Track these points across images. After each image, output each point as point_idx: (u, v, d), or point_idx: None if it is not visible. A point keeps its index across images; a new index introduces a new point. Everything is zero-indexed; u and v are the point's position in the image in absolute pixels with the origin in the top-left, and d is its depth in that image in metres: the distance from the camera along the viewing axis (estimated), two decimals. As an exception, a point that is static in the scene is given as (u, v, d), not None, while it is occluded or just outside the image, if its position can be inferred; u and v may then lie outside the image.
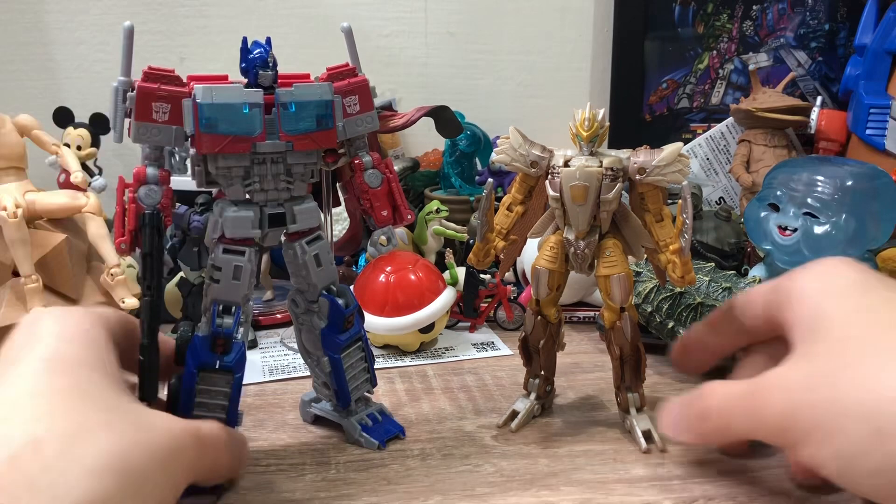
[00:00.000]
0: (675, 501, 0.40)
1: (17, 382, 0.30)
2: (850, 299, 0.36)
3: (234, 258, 0.41)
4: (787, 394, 0.35)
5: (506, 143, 0.45)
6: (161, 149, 0.41)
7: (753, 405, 0.37)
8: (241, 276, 0.41)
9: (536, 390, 0.49)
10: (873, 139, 0.82)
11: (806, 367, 0.35)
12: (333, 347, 0.45)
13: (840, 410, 0.32)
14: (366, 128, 0.44)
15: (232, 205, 0.41)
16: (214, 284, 0.41)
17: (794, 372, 0.36)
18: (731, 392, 0.39)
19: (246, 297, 0.42)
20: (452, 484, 0.41)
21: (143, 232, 0.39)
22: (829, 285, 0.38)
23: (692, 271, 0.43)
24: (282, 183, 0.42)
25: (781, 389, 0.35)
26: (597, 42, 1.02)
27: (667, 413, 0.43)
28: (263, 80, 0.40)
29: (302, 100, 0.41)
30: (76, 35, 0.94)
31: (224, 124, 0.39)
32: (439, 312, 0.61)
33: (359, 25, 0.98)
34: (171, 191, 0.41)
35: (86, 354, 0.33)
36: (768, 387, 0.36)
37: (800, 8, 0.97)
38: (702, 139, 0.92)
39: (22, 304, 0.53)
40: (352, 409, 0.47)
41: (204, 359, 0.40)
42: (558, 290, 0.47)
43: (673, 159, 0.42)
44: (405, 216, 0.46)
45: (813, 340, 0.36)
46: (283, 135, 0.40)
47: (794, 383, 0.35)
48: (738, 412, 0.38)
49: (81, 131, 0.81)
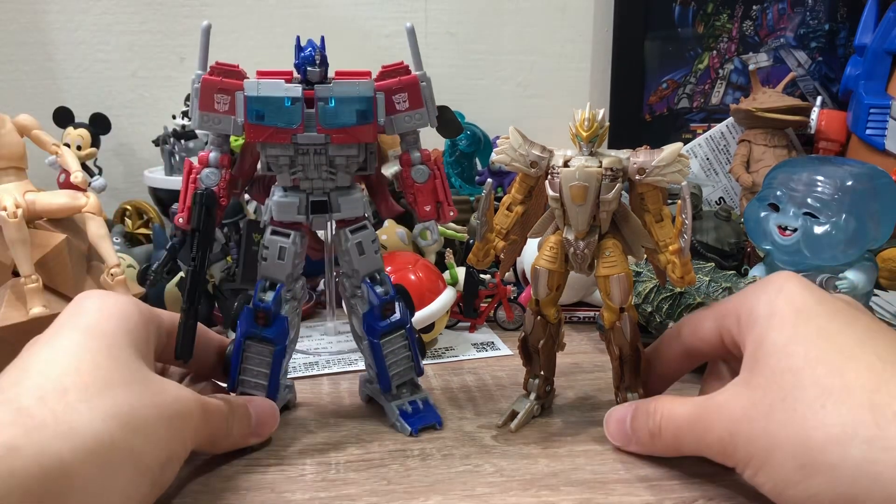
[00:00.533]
0: (675, 501, 0.40)
1: (58, 344, 0.36)
2: (788, 329, 0.37)
3: (279, 239, 0.45)
4: (728, 422, 0.37)
5: (505, 144, 0.45)
6: (225, 136, 0.45)
7: (699, 429, 0.39)
8: (285, 256, 0.45)
9: (536, 390, 0.49)
10: (873, 139, 0.82)
11: (746, 397, 0.37)
12: (373, 332, 0.47)
13: (772, 443, 0.35)
14: (415, 124, 0.46)
15: (281, 190, 0.45)
16: (262, 262, 0.46)
17: (735, 399, 0.38)
18: (680, 414, 0.40)
19: (291, 276, 0.46)
20: (452, 484, 0.41)
21: (194, 209, 0.43)
22: (774, 310, 0.38)
23: (692, 272, 0.43)
24: (325, 173, 0.45)
25: (723, 416, 0.38)
26: (597, 42, 1.02)
27: (615, 423, 0.45)
28: (312, 76, 0.43)
29: (341, 95, 0.43)
30: (76, 35, 0.94)
31: (269, 116, 0.43)
32: (439, 312, 0.61)
33: (359, 25, 0.99)
34: (231, 174, 0.45)
35: (119, 329, 0.38)
36: (713, 412, 0.38)
37: (800, 8, 0.97)
38: (702, 139, 0.92)
39: (22, 304, 0.53)
40: (394, 393, 0.49)
41: (248, 328, 0.45)
42: (558, 290, 0.47)
43: (673, 159, 0.42)
44: (447, 214, 0.48)
45: (755, 369, 0.37)
46: (319, 128, 0.43)
47: (735, 412, 0.37)
48: (687, 434, 0.40)
49: (81, 131, 0.81)
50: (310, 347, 0.64)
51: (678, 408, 0.41)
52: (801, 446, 0.33)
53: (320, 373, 0.58)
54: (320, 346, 0.64)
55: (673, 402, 0.41)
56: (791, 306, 0.38)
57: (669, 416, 0.41)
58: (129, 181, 0.98)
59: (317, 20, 0.96)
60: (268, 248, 0.45)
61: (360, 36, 0.97)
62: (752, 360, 0.38)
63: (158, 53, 0.96)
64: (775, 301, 0.39)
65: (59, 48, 0.95)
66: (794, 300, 0.38)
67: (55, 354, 0.36)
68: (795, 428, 0.34)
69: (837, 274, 0.56)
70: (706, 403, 0.39)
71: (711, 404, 0.39)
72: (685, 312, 0.56)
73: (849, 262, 0.56)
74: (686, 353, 0.46)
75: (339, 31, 0.96)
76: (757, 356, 0.38)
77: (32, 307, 0.52)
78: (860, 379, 0.33)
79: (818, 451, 0.33)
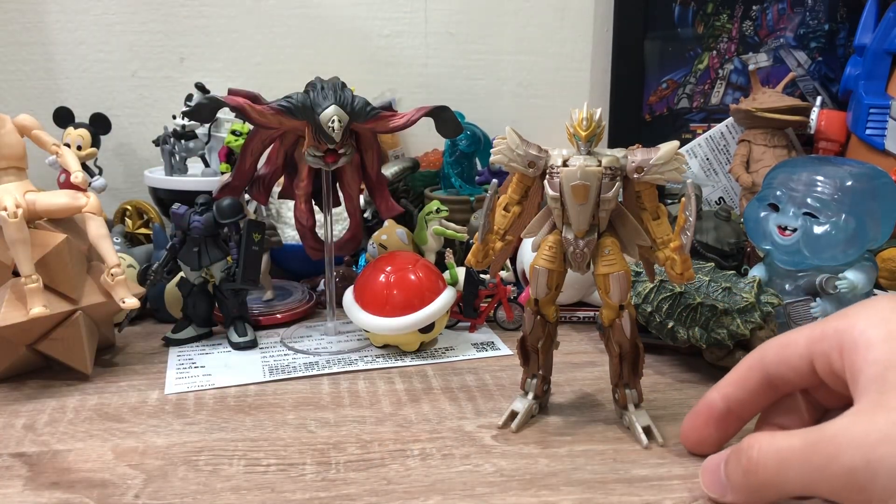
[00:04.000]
0: (675, 501, 0.40)
1: None
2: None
3: None
4: (860, 448, 0.32)
5: (502, 144, 0.45)
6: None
7: (817, 459, 0.34)
8: None
9: (534, 390, 0.49)
10: (873, 139, 0.82)
11: (883, 419, 0.32)
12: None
13: None
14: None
15: None
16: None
17: (868, 424, 0.33)
18: (785, 444, 0.35)
19: None
20: (452, 484, 0.41)
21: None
22: (894, 330, 0.35)
23: (691, 268, 0.43)
24: None
25: (854, 442, 0.32)
26: (597, 42, 1.02)
27: (710, 472, 0.40)
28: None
29: None
30: (76, 35, 0.94)
31: None
32: (439, 312, 0.61)
33: (359, 25, 0.99)
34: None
35: None
36: (836, 439, 0.33)
37: (800, 8, 0.97)
38: (702, 139, 0.92)
39: (22, 304, 0.53)
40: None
41: None
42: (557, 289, 0.47)
43: (670, 157, 0.42)
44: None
45: (886, 390, 0.33)
46: None
47: (871, 436, 0.32)
48: (795, 466, 0.34)
49: (81, 131, 0.81)
50: (310, 347, 0.64)
51: (781, 439, 0.35)
52: None
53: (320, 373, 0.58)
54: (320, 346, 0.64)
55: (773, 435, 0.36)
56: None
57: (769, 448, 0.35)
58: (129, 181, 0.97)
59: (317, 20, 0.96)
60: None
61: (360, 36, 0.97)
62: (880, 381, 0.34)
63: (158, 53, 0.95)
64: (891, 322, 0.35)
65: (59, 48, 0.95)
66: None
67: None
68: None
69: (837, 274, 0.56)
70: (822, 431, 0.34)
71: (831, 431, 0.34)
72: (685, 313, 0.56)
73: (848, 262, 0.56)
74: (769, 384, 0.41)
75: (339, 31, 0.96)
76: (886, 376, 0.34)
77: (32, 307, 0.52)
78: None
79: None
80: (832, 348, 0.37)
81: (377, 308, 0.61)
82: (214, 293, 0.65)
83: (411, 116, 0.59)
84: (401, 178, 0.85)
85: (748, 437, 0.37)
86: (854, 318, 0.37)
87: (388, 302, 0.61)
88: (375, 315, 0.61)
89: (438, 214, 0.75)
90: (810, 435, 0.34)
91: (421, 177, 0.88)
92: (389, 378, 0.57)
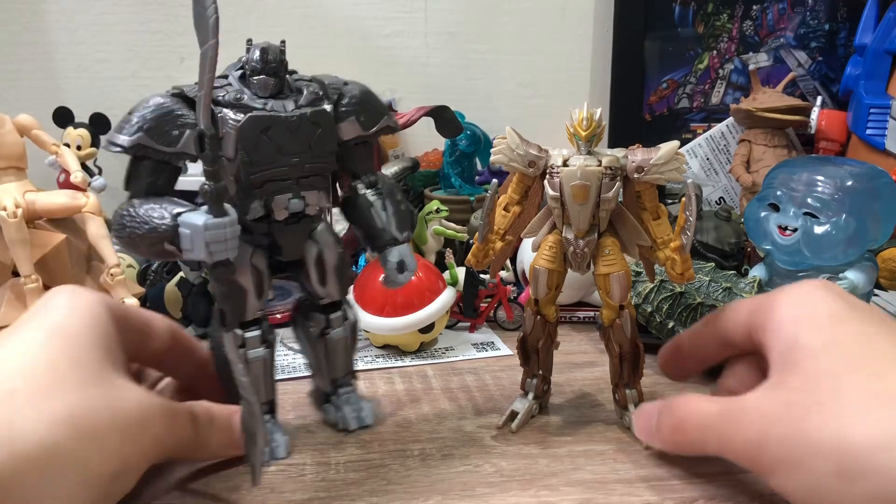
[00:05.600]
0: (676, 501, 0.40)
1: (16, 345, 0.35)
2: (825, 331, 0.36)
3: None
4: (758, 423, 0.36)
5: (502, 144, 0.45)
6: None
7: (727, 429, 0.38)
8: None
9: (534, 390, 0.49)
10: (873, 139, 0.82)
11: (778, 399, 0.36)
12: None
13: (807, 448, 0.33)
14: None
15: None
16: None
17: (766, 401, 0.36)
18: (706, 410, 0.39)
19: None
20: (452, 484, 0.41)
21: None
22: (805, 314, 0.38)
23: (691, 268, 0.43)
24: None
25: (753, 418, 0.36)
26: (597, 42, 1.02)
27: (643, 418, 0.44)
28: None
29: None
30: (76, 35, 0.94)
31: None
32: (439, 312, 0.61)
33: (359, 25, 0.99)
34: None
35: (85, 327, 0.36)
36: (742, 412, 0.37)
37: (800, 8, 0.97)
38: (702, 139, 0.92)
39: (22, 304, 0.53)
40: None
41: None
42: (557, 289, 0.47)
43: (670, 157, 0.42)
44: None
45: (787, 371, 0.36)
46: None
47: (766, 413, 0.36)
48: (711, 433, 0.39)
49: (81, 131, 0.81)
50: (310, 347, 0.63)
51: (705, 405, 0.39)
52: (841, 451, 0.32)
53: (320, 373, 0.58)
54: (320, 346, 0.64)
55: (700, 399, 0.40)
56: (825, 310, 0.37)
57: (696, 412, 0.40)
58: (129, 181, 0.98)
59: (317, 20, 0.96)
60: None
61: (360, 36, 0.97)
62: (784, 363, 0.37)
63: (158, 53, 0.95)
64: (807, 305, 0.38)
65: (59, 48, 0.95)
66: (828, 305, 0.38)
67: (12, 353, 0.34)
68: (835, 431, 0.32)
69: (838, 274, 0.56)
70: (736, 403, 0.38)
71: (742, 404, 0.37)
72: (685, 313, 0.56)
73: (849, 262, 0.56)
74: (721, 341, 0.45)
75: (339, 31, 0.96)
76: (789, 358, 0.37)
77: (32, 307, 0.52)
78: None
79: (860, 456, 0.31)
80: (758, 325, 0.40)
81: (377, 308, 0.61)
82: (212, 295, 0.65)
83: (411, 116, 0.59)
84: (401, 178, 0.85)
85: (682, 396, 0.41)
86: (778, 297, 0.40)
87: (387, 302, 0.61)
88: (375, 315, 0.61)
89: (438, 214, 0.75)
90: (725, 405, 0.38)
91: (421, 177, 0.88)
92: (389, 378, 0.57)
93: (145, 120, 0.38)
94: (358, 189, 0.46)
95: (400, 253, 0.45)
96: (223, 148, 0.39)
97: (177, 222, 0.36)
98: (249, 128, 0.39)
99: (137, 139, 0.38)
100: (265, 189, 0.40)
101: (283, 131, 0.40)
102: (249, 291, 0.43)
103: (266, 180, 0.40)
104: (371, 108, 0.44)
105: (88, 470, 0.32)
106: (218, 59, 0.36)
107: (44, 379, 0.33)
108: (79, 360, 0.34)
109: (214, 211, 0.36)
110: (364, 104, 0.44)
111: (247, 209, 0.41)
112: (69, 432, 0.31)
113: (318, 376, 0.49)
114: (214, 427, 0.41)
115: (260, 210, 0.41)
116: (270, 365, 0.45)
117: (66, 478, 0.31)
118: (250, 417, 0.38)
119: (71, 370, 0.34)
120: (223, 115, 0.39)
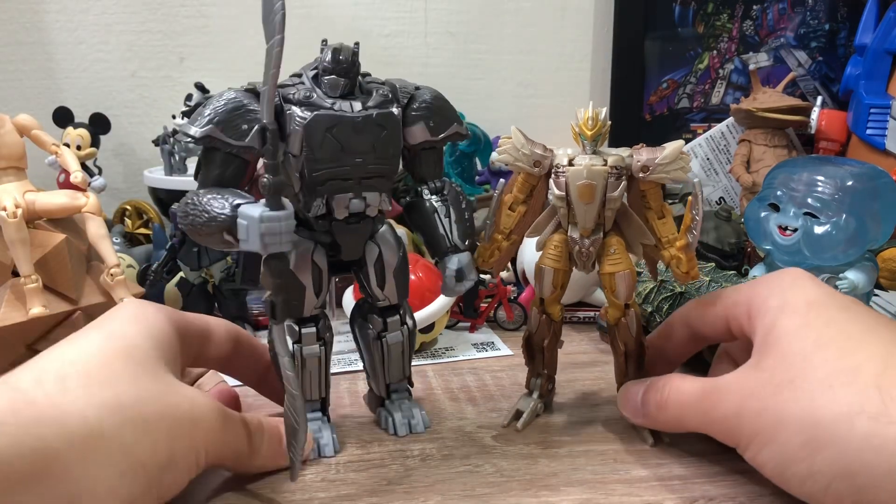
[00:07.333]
0: (676, 501, 0.39)
1: (76, 343, 0.36)
2: (801, 316, 0.38)
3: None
4: (735, 399, 0.38)
5: (508, 143, 0.45)
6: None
7: (706, 405, 0.40)
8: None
9: (539, 389, 0.49)
10: (873, 139, 0.82)
11: (755, 377, 0.38)
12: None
13: (779, 421, 0.36)
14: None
15: None
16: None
17: (744, 380, 0.39)
18: (688, 389, 0.41)
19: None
20: (452, 484, 0.41)
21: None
22: (786, 301, 0.39)
23: (696, 267, 0.44)
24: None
25: (731, 394, 0.39)
26: (597, 42, 1.02)
27: (629, 396, 0.46)
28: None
29: None
30: (76, 35, 0.94)
31: None
32: (439, 312, 0.61)
33: (359, 25, 0.99)
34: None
35: (142, 335, 0.38)
36: (721, 390, 0.39)
37: (800, 8, 0.97)
38: (702, 139, 0.92)
39: (22, 304, 0.53)
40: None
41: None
42: (562, 288, 0.47)
43: (675, 157, 0.42)
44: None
45: (765, 352, 0.38)
46: None
47: (742, 390, 0.38)
48: (692, 409, 0.41)
49: (81, 131, 0.81)
50: (310, 347, 0.63)
51: (688, 384, 0.42)
52: (808, 423, 0.34)
53: (320, 373, 0.58)
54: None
55: (683, 378, 0.42)
56: (803, 298, 0.39)
57: (677, 390, 0.42)
58: (129, 181, 0.97)
59: (317, 20, 0.96)
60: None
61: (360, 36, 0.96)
62: (763, 346, 0.39)
63: (158, 53, 0.95)
64: (787, 293, 0.40)
65: (59, 48, 0.94)
66: (806, 293, 0.39)
67: (71, 348, 0.36)
68: (803, 406, 0.35)
69: (838, 274, 0.56)
70: (715, 382, 0.40)
71: (720, 383, 0.40)
72: (685, 312, 0.56)
73: (849, 262, 0.56)
74: (692, 337, 0.47)
75: (339, 31, 0.96)
76: (767, 341, 0.39)
77: (32, 307, 0.52)
78: (868, 362, 0.35)
79: (824, 428, 0.34)
80: (742, 313, 0.42)
81: (377, 308, 0.61)
82: (214, 293, 0.65)
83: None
84: (401, 178, 0.85)
85: (665, 376, 0.43)
86: (761, 287, 0.42)
87: (388, 302, 0.61)
88: (375, 315, 0.61)
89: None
90: (706, 384, 0.41)
91: (421, 177, 0.88)
92: (389, 378, 0.57)
93: (217, 113, 0.39)
94: (423, 194, 0.46)
95: (460, 261, 0.45)
96: (290, 145, 0.40)
97: (235, 213, 0.37)
98: (314, 125, 0.40)
99: (208, 131, 0.39)
100: (327, 187, 0.41)
101: (347, 131, 0.40)
102: (308, 288, 0.43)
103: (328, 178, 0.41)
104: (442, 113, 0.44)
105: (134, 458, 0.33)
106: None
107: (96, 369, 0.34)
108: (133, 357, 0.36)
109: (271, 204, 0.36)
110: (435, 109, 0.44)
111: (309, 206, 0.41)
112: (117, 419, 0.32)
113: (372, 379, 0.49)
114: (265, 436, 0.41)
115: (322, 208, 0.41)
116: (325, 363, 0.45)
117: (111, 462, 0.32)
118: (293, 411, 0.38)
119: (124, 366, 0.35)
120: (291, 113, 0.40)
